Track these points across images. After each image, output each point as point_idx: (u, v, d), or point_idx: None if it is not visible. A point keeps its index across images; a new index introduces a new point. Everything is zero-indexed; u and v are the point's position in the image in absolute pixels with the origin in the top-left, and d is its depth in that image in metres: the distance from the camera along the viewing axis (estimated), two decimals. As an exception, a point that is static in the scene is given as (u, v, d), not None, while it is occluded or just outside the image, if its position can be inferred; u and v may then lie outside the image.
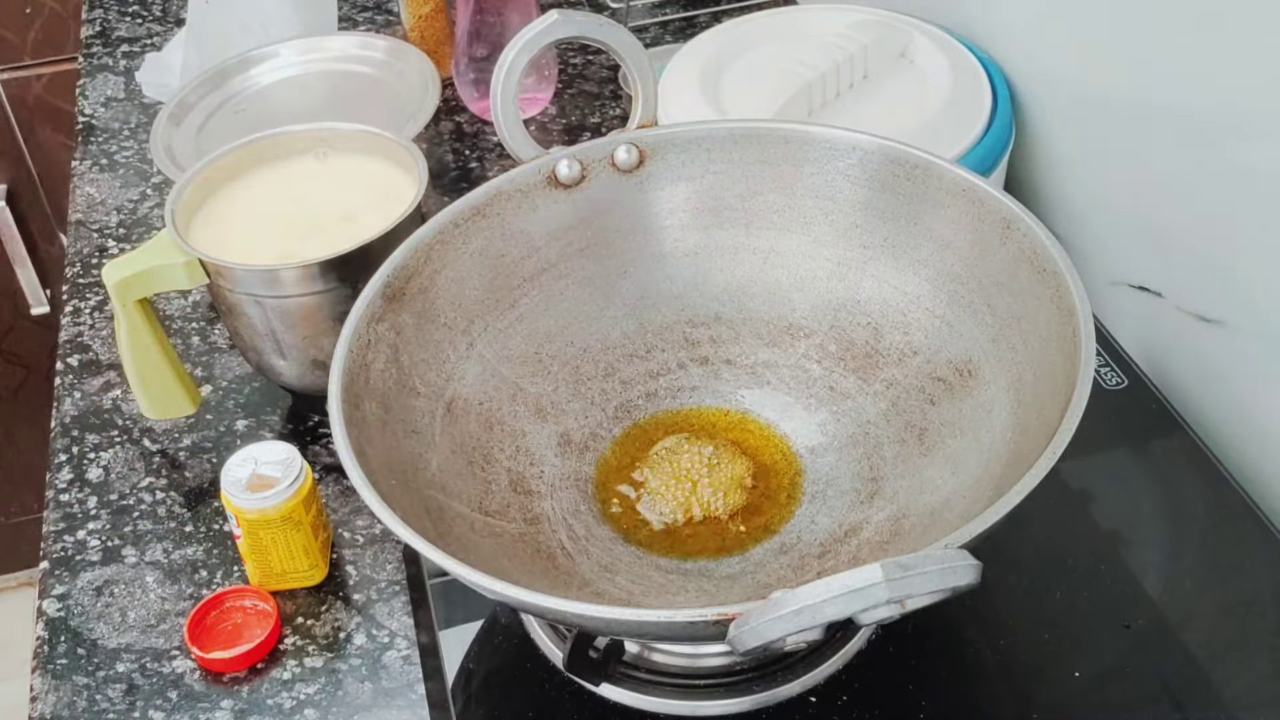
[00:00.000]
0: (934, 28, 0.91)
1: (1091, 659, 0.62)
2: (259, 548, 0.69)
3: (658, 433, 0.70)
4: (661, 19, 1.19)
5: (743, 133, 0.70)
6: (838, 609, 0.43)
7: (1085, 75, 0.81)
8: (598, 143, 0.70)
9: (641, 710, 0.62)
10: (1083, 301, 0.56)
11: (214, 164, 0.80)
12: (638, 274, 0.72)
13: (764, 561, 0.64)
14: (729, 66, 0.91)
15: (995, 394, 0.62)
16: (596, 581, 0.62)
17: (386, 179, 0.80)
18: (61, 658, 0.69)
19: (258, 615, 0.70)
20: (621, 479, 0.68)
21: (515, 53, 0.66)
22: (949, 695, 0.62)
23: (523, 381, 0.69)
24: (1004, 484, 0.51)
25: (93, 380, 0.86)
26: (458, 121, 1.08)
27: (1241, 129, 0.68)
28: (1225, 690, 0.60)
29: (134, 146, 1.08)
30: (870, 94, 0.88)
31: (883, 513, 0.63)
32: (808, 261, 0.70)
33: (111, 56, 1.20)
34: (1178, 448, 0.72)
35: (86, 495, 0.78)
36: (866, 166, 0.68)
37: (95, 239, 0.98)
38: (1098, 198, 0.83)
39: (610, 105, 1.09)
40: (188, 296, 0.92)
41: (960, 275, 0.65)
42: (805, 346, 0.70)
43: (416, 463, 0.61)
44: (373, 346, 0.62)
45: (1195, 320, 0.75)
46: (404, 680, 0.67)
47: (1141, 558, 0.66)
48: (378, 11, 1.23)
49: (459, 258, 0.67)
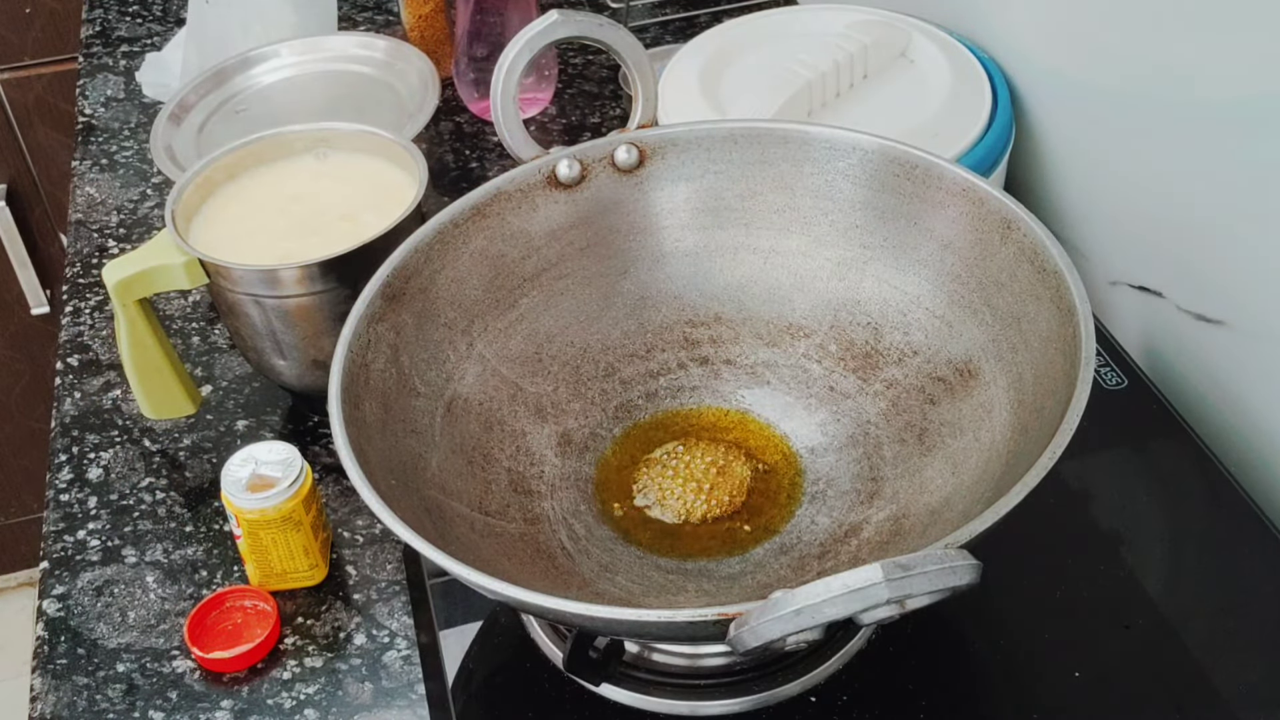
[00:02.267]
0: (934, 28, 0.91)
1: (1091, 659, 0.62)
2: (259, 548, 0.69)
3: (658, 433, 0.70)
4: (661, 19, 1.19)
5: (743, 133, 0.70)
6: (838, 609, 0.43)
7: (1085, 75, 0.81)
8: (598, 143, 0.70)
9: (641, 710, 0.62)
10: (1083, 301, 0.56)
11: (214, 164, 0.80)
12: (638, 274, 0.72)
13: (764, 561, 0.64)
14: (729, 66, 0.91)
15: (995, 394, 0.62)
16: (596, 581, 0.62)
17: (386, 179, 0.80)
18: (61, 658, 0.69)
19: (258, 615, 0.70)
20: (622, 479, 0.68)
21: (515, 53, 0.66)
22: (949, 695, 0.62)
23: (523, 381, 0.69)
24: (1004, 484, 0.51)
25: (93, 380, 0.86)
26: (458, 121, 1.08)
27: (1242, 128, 0.68)
28: (1225, 690, 0.60)
29: (134, 146, 1.08)
30: (870, 94, 0.88)
31: (883, 513, 0.63)
32: (808, 261, 0.70)
33: (111, 56, 1.20)
34: (1178, 448, 0.72)
35: (86, 495, 0.78)
36: (866, 166, 0.68)
37: (95, 239, 0.98)
38: (1098, 198, 0.83)
39: (610, 105, 1.09)
40: (188, 296, 0.92)
41: (960, 275, 0.65)
42: (805, 346, 0.70)
43: (416, 463, 0.61)
44: (373, 346, 0.62)
45: (1195, 320, 0.75)
46: (404, 680, 0.67)
47: (1141, 558, 0.66)
48: (378, 11, 1.23)
49: (459, 258, 0.67)
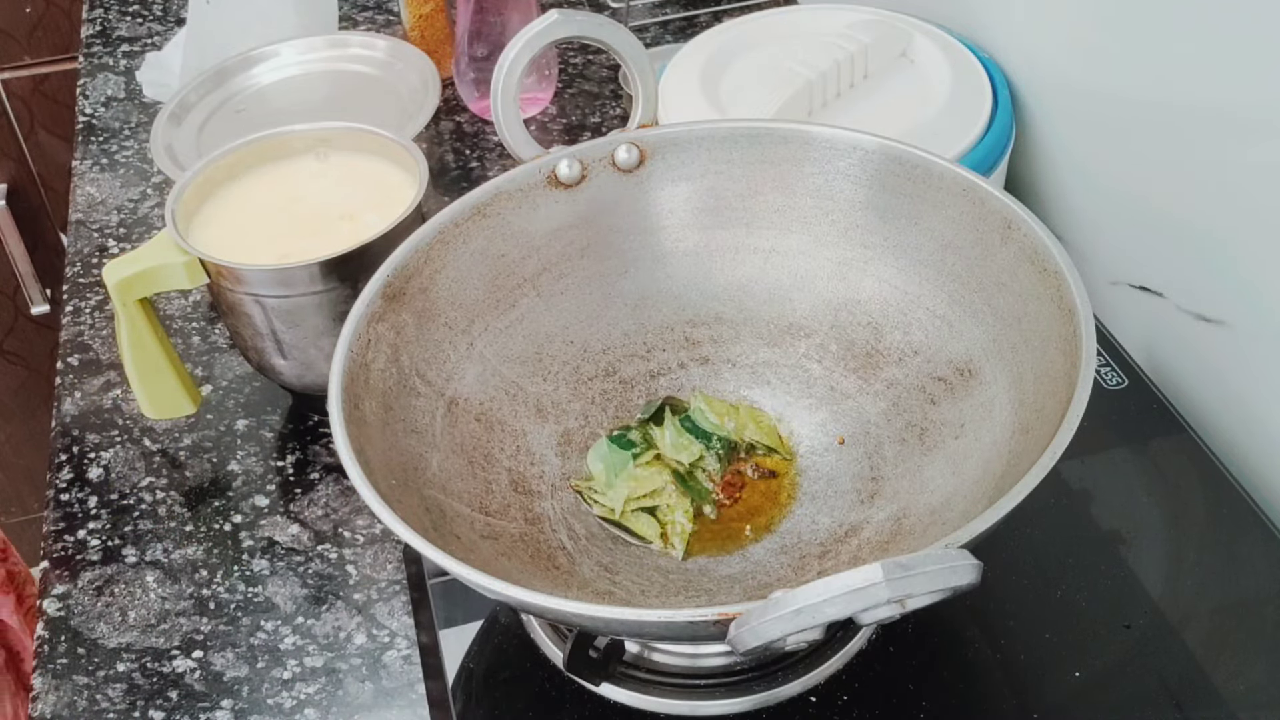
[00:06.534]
0: (934, 28, 0.91)
1: (1091, 659, 0.62)
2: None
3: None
4: (661, 19, 1.19)
5: (743, 133, 0.70)
6: (838, 609, 0.43)
7: (1085, 75, 0.81)
8: (598, 142, 0.70)
9: (641, 710, 0.62)
10: (1083, 301, 0.56)
11: (214, 164, 0.80)
12: (638, 274, 0.72)
13: (764, 561, 0.64)
14: (729, 66, 0.91)
15: (996, 394, 0.62)
16: (596, 581, 0.62)
17: (386, 179, 0.80)
18: (61, 658, 0.69)
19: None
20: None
21: (515, 52, 0.65)
22: (949, 695, 0.62)
23: (523, 381, 0.69)
24: (1004, 484, 0.51)
25: (93, 380, 0.86)
26: (458, 121, 1.08)
27: (1242, 128, 0.68)
28: (1225, 690, 0.60)
29: (134, 146, 1.08)
30: (870, 94, 0.88)
31: (883, 512, 0.63)
32: (808, 261, 0.70)
33: (112, 56, 1.20)
34: (1178, 448, 0.72)
35: (87, 495, 0.78)
36: (867, 166, 0.68)
37: (95, 239, 0.98)
38: (1098, 197, 0.83)
39: (610, 105, 1.09)
40: (188, 296, 0.92)
41: (961, 275, 0.65)
42: (806, 346, 0.70)
43: (416, 462, 0.61)
44: (373, 346, 0.61)
45: (1196, 320, 0.75)
46: (404, 680, 0.67)
47: (1141, 558, 0.66)
48: (378, 11, 1.23)
49: (459, 257, 0.67)
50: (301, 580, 0.73)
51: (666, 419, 0.69)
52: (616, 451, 0.67)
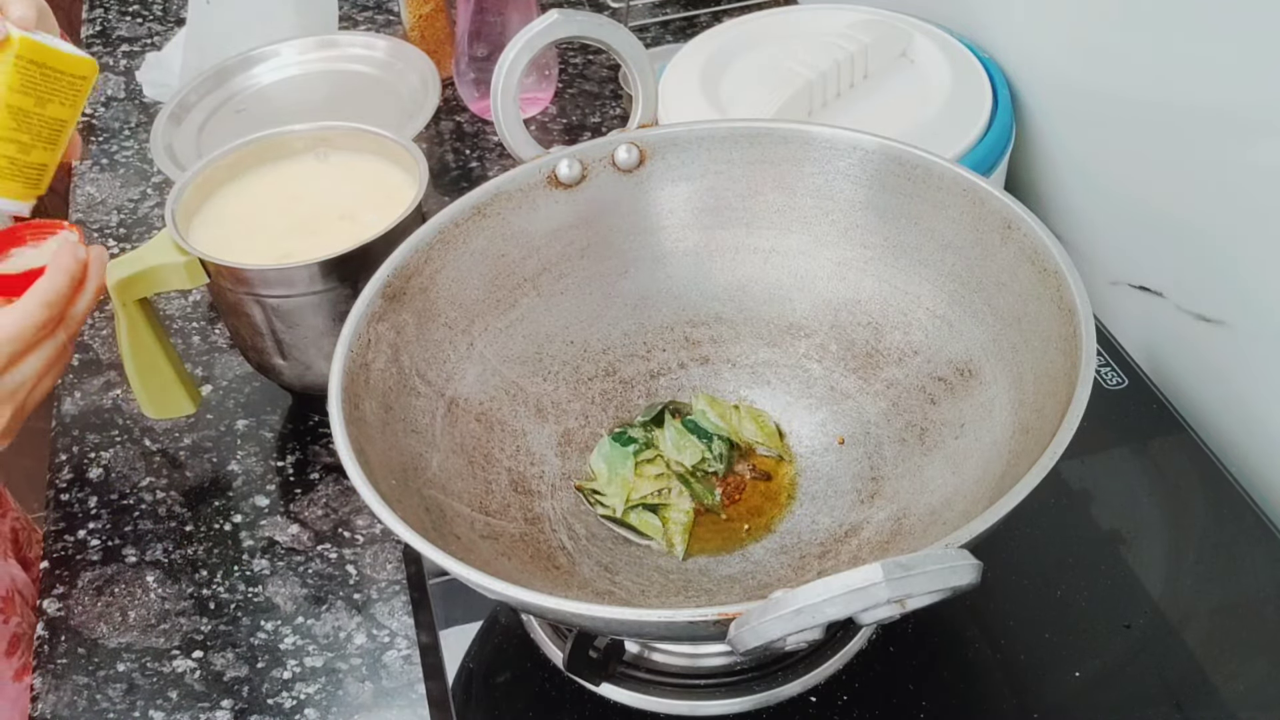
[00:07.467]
0: (934, 28, 0.91)
1: (1091, 659, 0.62)
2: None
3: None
4: (661, 19, 1.19)
5: (743, 133, 0.70)
6: (838, 609, 0.43)
7: (1085, 75, 0.81)
8: (598, 142, 0.70)
9: (641, 710, 0.62)
10: (1083, 301, 0.56)
11: (214, 164, 0.80)
12: (638, 274, 0.72)
13: (764, 561, 0.64)
14: (729, 66, 0.91)
15: (996, 394, 0.62)
16: (596, 581, 0.62)
17: (386, 179, 0.80)
18: (61, 657, 0.69)
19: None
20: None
21: (516, 52, 0.65)
22: (949, 695, 0.62)
23: (523, 381, 0.69)
24: (1004, 484, 0.51)
25: (93, 380, 0.86)
26: (458, 121, 1.08)
27: (1242, 128, 0.68)
28: (1225, 690, 0.60)
29: (134, 146, 1.08)
30: (870, 94, 0.88)
31: (883, 512, 0.63)
32: (808, 261, 0.70)
33: (112, 56, 1.20)
34: (1178, 448, 0.72)
35: (87, 495, 0.78)
36: (867, 166, 0.68)
37: (95, 239, 0.98)
38: (1098, 197, 0.83)
39: (610, 105, 1.09)
40: (188, 296, 0.92)
41: (961, 275, 0.65)
42: (806, 346, 0.70)
43: (416, 462, 0.61)
44: (373, 346, 0.61)
45: (1196, 320, 0.75)
46: (404, 680, 0.67)
47: (1141, 558, 0.66)
48: (378, 11, 1.23)
49: (459, 257, 0.67)
50: (301, 580, 0.73)
51: (667, 420, 0.69)
52: (619, 450, 0.67)
